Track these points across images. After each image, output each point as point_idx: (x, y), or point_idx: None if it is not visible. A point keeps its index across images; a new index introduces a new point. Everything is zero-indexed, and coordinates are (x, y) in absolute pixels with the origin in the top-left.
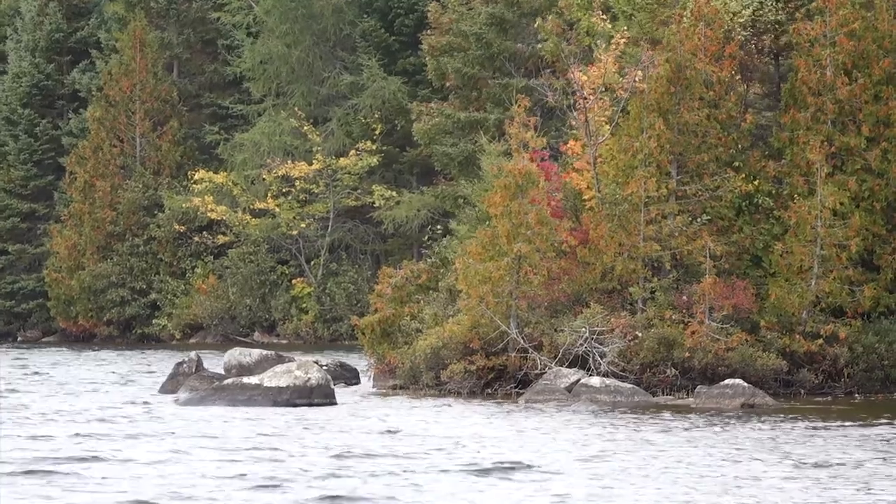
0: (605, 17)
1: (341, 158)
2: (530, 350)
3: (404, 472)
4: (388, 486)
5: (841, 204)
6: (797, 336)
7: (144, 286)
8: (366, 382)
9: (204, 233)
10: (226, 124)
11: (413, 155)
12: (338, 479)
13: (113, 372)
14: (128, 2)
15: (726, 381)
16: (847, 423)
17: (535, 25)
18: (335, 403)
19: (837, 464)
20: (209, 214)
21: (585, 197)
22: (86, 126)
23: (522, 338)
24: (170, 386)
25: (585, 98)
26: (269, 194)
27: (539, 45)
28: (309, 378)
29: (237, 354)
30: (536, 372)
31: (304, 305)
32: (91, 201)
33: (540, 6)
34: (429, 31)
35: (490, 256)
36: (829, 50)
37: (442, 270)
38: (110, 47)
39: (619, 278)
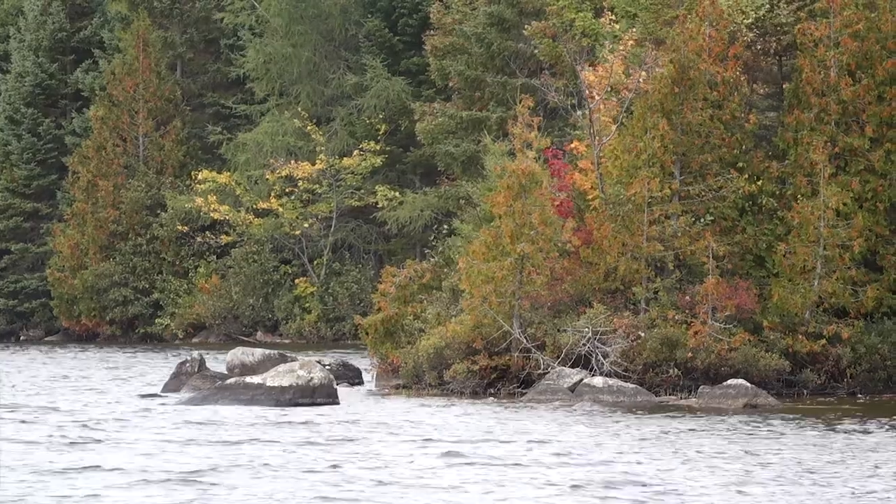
0: (612, 17)
1: (345, 158)
2: (533, 350)
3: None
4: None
5: (844, 204)
6: (800, 336)
7: (147, 286)
8: (369, 382)
9: (207, 232)
10: (229, 124)
11: (416, 155)
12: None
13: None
14: (131, 1)
15: (729, 382)
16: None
17: (525, 32)
18: (338, 403)
19: None
20: (212, 214)
21: (589, 197)
22: (89, 125)
23: (525, 338)
24: (173, 385)
25: (592, 98)
26: (273, 194)
27: (535, 51)
28: (312, 378)
29: (240, 354)
30: (539, 372)
31: (307, 305)
32: (94, 201)
33: (541, 6)
34: (431, 32)
35: (493, 256)
36: (833, 51)
37: (445, 270)
38: (113, 47)
39: (622, 278)
